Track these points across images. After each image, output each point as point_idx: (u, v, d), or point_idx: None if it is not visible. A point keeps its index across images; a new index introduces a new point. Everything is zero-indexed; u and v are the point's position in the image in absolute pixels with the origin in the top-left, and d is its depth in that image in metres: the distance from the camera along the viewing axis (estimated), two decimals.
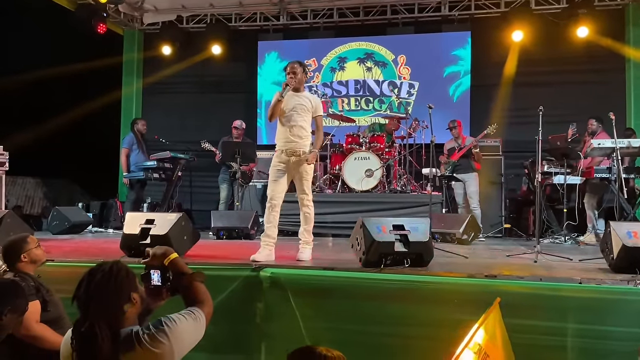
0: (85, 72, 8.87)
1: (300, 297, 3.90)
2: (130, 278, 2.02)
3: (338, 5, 9.59)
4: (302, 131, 4.63)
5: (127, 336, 1.90)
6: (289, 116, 4.61)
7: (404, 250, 4.05)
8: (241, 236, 6.73)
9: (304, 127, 4.65)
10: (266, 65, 10.15)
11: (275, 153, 4.73)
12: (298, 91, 4.68)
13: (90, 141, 9.61)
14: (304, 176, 4.66)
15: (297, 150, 4.60)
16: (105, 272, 1.96)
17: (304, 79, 4.74)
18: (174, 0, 9.09)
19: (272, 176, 4.67)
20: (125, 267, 2.03)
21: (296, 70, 4.60)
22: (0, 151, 6.67)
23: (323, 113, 4.89)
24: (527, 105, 8.10)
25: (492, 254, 5.59)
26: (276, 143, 4.76)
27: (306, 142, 4.65)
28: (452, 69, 9.50)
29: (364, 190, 7.30)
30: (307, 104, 4.66)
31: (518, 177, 8.55)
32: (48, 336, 2.91)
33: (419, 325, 3.60)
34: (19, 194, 10.42)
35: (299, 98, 4.66)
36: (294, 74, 4.59)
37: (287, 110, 4.61)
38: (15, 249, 3.18)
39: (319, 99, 4.93)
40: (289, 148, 4.61)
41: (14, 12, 8.54)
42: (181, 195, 8.76)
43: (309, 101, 4.69)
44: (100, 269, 1.97)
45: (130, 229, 4.64)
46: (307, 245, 4.67)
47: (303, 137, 4.63)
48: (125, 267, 2.03)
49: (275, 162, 4.68)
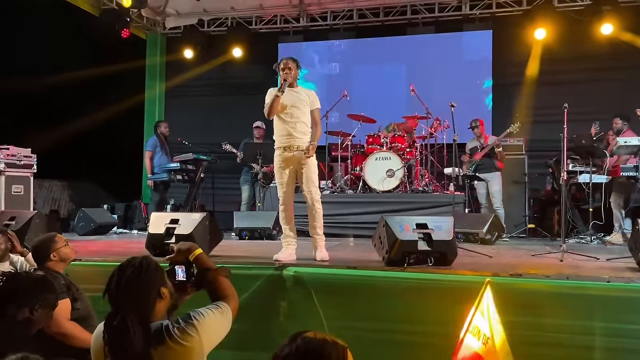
0: (109, 76, 9.02)
1: (323, 295, 3.90)
2: (160, 273, 2.06)
3: (358, 6, 9.60)
4: (304, 127, 4.59)
5: (157, 330, 1.93)
6: (290, 112, 4.56)
7: (428, 249, 4.04)
8: (263, 236, 6.77)
9: (306, 122, 4.62)
10: None
11: (276, 152, 4.67)
12: (293, 86, 4.62)
13: (114, 144, 9.75)
14: (310, 170, 4.57)
15: (301, 146, 4.55)
16: (135, 267, 1.99)
17: (297, 74, 4.66)
18: (196, 4, 9.19)
19: (278, 178, 4.67)
20: (155, 262, 2.07)
21: (290, 66, 4.55)
22: (28, 153, 6.83)
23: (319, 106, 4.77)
24: (550, 103, 8.02)
25: (517, 253, 5.52)
26: (275, 140, 4.70)
27: (307, 137, 4.61)
28: (480, 65, 9.38)
29: (385, 191, 7.28)
30: (306, 99, 4.63)
31: (542, 176, 8.43)
32: (77, 334, 2.96)
33: (443, 323, 3.56)
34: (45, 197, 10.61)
35: (297, 93, 4.62)
36: (289, 69, 4.54)
37: (287, 106, 4.56)
38: (44, 248, 3.25)
39: (314, 93, 4.87)
40: (291, 145, 4.56)
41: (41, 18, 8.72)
42: (203, 196, 8.86)
43: (307, 95, 4.66)
44: (131, 264, 2.01)
45: (156, 229, 4.71)
46: (322, 242, 4.60)
47: (306, 133, 4.60)
48: (155, 262, 2.07)
49: (279, 163, 4.64)
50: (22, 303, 2.20)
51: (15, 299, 2.20)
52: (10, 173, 6.55)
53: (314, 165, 4.62)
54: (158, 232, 4.69)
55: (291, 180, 4.64)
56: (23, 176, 6.74)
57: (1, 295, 2.21)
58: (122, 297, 1.94)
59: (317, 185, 4.64)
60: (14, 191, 6.56)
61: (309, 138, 4.60)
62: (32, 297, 2.22)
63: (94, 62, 8.86)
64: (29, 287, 2.24)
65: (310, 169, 4.58)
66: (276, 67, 4.67)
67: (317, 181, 4.64)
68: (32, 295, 2.23)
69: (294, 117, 4.56)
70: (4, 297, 2.20)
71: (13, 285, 2.22)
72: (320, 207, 4.62)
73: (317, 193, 4.61)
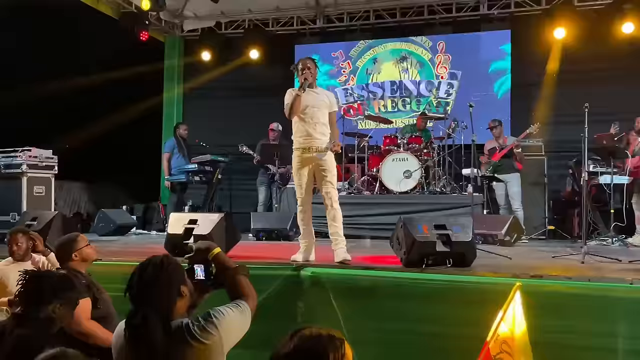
0: (128, 79, 9.11)
1: (340, 296, 3.90)
2: (180, 271, 2.07)
3: (375, 7, 9.57)
4: (323, 128, 4.55)
5: (178, 328, 1.95)
6: (310, 113, 4.51)
7: (446, 250, 4.01)
8: (280, 237, 6.79)
9: (325, 123, 4.58)
10: None
11: (295, 153, 4.63)
12: (313, 87, 4.58)
13: (133, 145, 9.85)
14: (328, 171, 4.53)
15: (319, 147, 4.51)
16: (155, 265, 2.01)
17: (316, 74, 4.63)
18: (214, 7, 9.24)
19: (296, 180, 4.63)
20: (175, 260, 2.09)
21: (309, 65, 4.50)
22: (49, 155, 6.94)
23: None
24: (570, 103, 7.91)
25: (537, 255, 5.46)
26: (294, 141, 4.66)
27: (326, 139, 4.57)
28: (498, 65, 9.32)
29: (402, 192, 7.25)
30: (326, 100, 4.59)
31: (562, 177, 8.32)
32: (98, 333, 2.99)
33: (461, 325, 3.53)
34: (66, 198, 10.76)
35: (317, 94, 4.59)
36: (309, 69, 4.48)
37: (308, 106, 4.51)
38: (67, 248, 3.30)
39: (333, 94, 4.82)
40: (312, 146, 4.51)
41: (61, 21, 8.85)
42: (221, 198, 8.91)
43: (327, 97, 4.63)
44: (151, 262, 2.02)
45: (174, 229, 4.75)
46: (343, 244, 4.52)
47: (325, 134, 4.56)
48: (175, 260, 2.09)
49: (297, 164, 4.60)
50: (44, 301, 2.23)
51: (38, 297, 2.23)
52: (32, 174, 6.66)
53: (332, 166, 4.58)
54: (177, 233, 4.73)
55: (309, 182, 4.61)
56: (44, 177, 6.85)
57: (24, 294, 2.25)
58: (142, 294, 1.96)
59: (335, 187, 4.59)
60: (36, 192, 6.67)
61: (327, 140, 4.57)
62: (54, 296, 2.25)
63: (113, 65, 8.97)
64: (51, 285, 2.27)
65: (329, 170, 4.54)
66: (294, 68, 4.65)
67: (335, 182, 4.60)
68: (55, 293, 2.25)
69: (314, 118, 4.51)
70: (27, 296, 2.24)
71: (36, 284, 2.25)
72: (339, 208, 4.57)
73: (335, 194, 4.56)
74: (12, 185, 6.54)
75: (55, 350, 1.62)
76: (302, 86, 4.43)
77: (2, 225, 6.33)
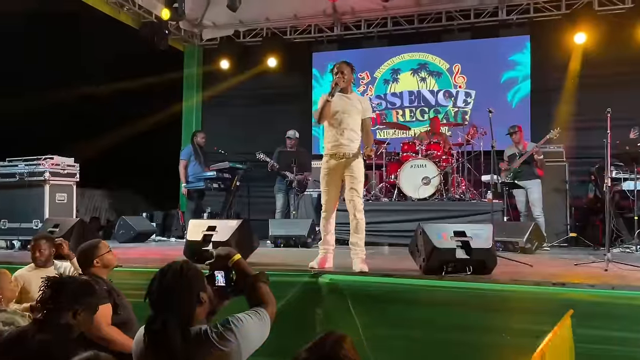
0: (148, 87, 9.23)
1: (359, 303, 3.88)
2: (200, 277, 2.08)
3: (392, 14, 9.57)
4: (353, 134, 4.46)
5: (196, 334, 1.95)
6: (340, 119, 4.44)
7: (466, 258, 3.96)
8: (298, 244, 6.80)
9: (355, 130, 4.48)
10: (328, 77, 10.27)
11: (324, 159, 4.58)
12: (346, 92, 4.51)
13: (153, 153, 9.96)
14: (355, 177, 4.43)
15: (347, 153, 4.44)
16: (176, 271, 2.02)
17: (352, 79, 4.55)
18: (232, 16, 9.32)
19: (323, 185, 4.57)
20: (195, 266, 2.09)
21: (344, 70, 4.43)
22: (71, 163, 7.05)
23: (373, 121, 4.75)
24: (591, 109, 7.83)
25: (559, 262, 5.37)
26: (324, 147, 4.62)
27: (356, 145, 4.49)
28: (510, 75, 9.27)
29: (421, 199, 7.20)
30: (357, 106, 4.50)
31: (583, 183, 8.19)
32: (118, 338, 3.01)
33: (482, 334, 3.49)
34: (87, 205, 10.92)
35: (349, 99, 4.49)
36: (342, 74, 4.41)
37: (338, 112, 4.44)
38: (88, 254, 3.34)
39: (367, 100, 4.75)
40: (339, 152, 4.45)
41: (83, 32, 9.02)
42: (239, 205, 8.95)
43: (359, 102, 4.53)
44: (171, 268, 2.03)
45: (193, 236, 4.79)
46: (362, 254, 4.43)
47: (354, 140, 4.47)
48: (195, 266, 2.09)
49: (325, 170, 4.55)
50: (65, 307, 2.26)
51: (59, 303, 2.26)
52: (55, 182, 6.77)
53: (359, 174, 4.48)
54: (196, 239, 4.76)
55: (335, 188, 4.55)
56: (66, 185, 6.95)
57: (46, 299, 2.28)
58: (162, 300, 1.97)
59: (360, 195, 4.49)
60: (58, 199, 6.78)
61: (357, 146, 4.48)
62: (75, 301, 2.28)
63: (134, 74, 9.09)
64: (72, 291, 2.30)
65: (355, 177, 4.45)
66: (331, 70, 4.55)
67: (361, 191, 4.51)
68: (75, 299, 2.28)
69: (343, 123, 4.44)
70: (48, 301, 2.27)
71: (57, 290, 2.28)
72: (362, 217, 4.47)
73: (360, 203, 4.46)
74: (35, 193, 6.65)
75: (89, 353, 1.64)
76: (331, 91, 4.36)
77: (25, 232, 6.47)
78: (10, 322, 2.94)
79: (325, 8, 9.59)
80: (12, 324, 2.93)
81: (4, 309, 3.12)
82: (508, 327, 3.40)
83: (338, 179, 4.53)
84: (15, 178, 6.73)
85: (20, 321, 2.98)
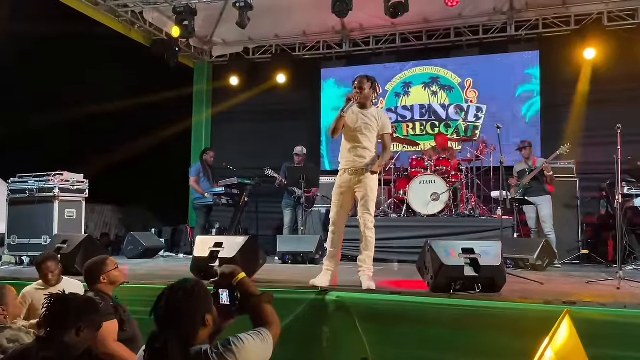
0: (158, 103, 9.31)
1: (366, 321, 3.83)
2: (208, 299, 2.06)
3: (400, 30, 9.61)
4: (365, 152, 4.40)
5: (196, 354, 1.93)
6: (353, 135, 4.41)
7: (475, 275, 3.90)
8: (306, 261, 6.75)
9: (368, 147, 4.42)
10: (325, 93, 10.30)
11: (339, 173, 4.54)
12: (365, 107, 4.42)
13: (163, 169, 10.01)
14: (367, 195, 4.36)
15: (360, 170, 4.38)
16: (187, 290, 2.00)
17: (372, 94, 4.45)
18: (241, 33, 9.41)
19: (334, 199, 4.51)
20: (205, 288, 2.07)
21: (363, 85, 4.35)
22: (80, 179, 7.09)
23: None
24: (601, 124, 7.78)
25: (570, 280, 5.28)
26: (340, 161, 4.59)
27: (367, 161, 4.41)
28: (526, 88, 9.24)
29: (430, 215, 7.15)
30: (373, 123, 4.42)
31: (595, 200, 8.10)
32: (124, 355, 3.00)
33: (491, 353, 3.43)
34: (97, 221, 10.97)
35: (365, 116, 4.40)
36: (361, 89, 4.34)
37: (352, 128, 4.39)
38: (95, 270, 3.34)
39: (386, 116, 4.63)
40: (350, 167, 4.42)
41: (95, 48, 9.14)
42: (247, 220, 8.95)
43: (375, 119, 4.43)
44: (183, 286, 2.01)
45: (200, 252, 4.77)
46: (369, 272, 4.36)
47: (367, 157, 4.41)
48: (205, 288, 2.07)
49: (338, 184, 4.49)
50: (68, 324, 2.25)
51: (62, 320, 2.25)
52: (64, 198, 6.81)
53: (370, 191, 4.40)
54: (203, 256, 4.75)
55: (346, 204, 4.50)
56: (76, 201, 6.99)
57: (49, 317, 2.27)
58: (168, 317, 1.96)
59: (372, 212, 4.42)
60: (67, 215, 6.81)
61: (369, 161, 4.42)
62: (78, 319, 2.27)
63: (144, 90, 9.19)
64: (76, 308, 2.29)
65: (367, 194, 4.38)
66: (353, 83, 4.45)
67: (372, 208, 4.42)
68: (79, 316, 2.27)
69: (356, 141, 4.41)
70: (52, 318, 2.26)
71: (61, 307, 2.28)
72: (372, 235, 4.40)
73: (371, 221, 4.38)
74: (44, 209, 6.68)
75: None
76: (345, 107, 4.28)
77: (34, 249, 6.49)
78: (15, 339, 2.94)
79: (334, 25, 9.66)
80: (16, 341, 2.93)
81: (9, 325, 3.13)
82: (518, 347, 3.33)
83: (350, 194, 4.48)
84: (25, 194, 6.78)
85: (25, 338, 2.98)
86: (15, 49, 8.06)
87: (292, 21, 9.63)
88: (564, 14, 8.79)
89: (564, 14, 8.79)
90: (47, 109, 8.48)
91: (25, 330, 3.07)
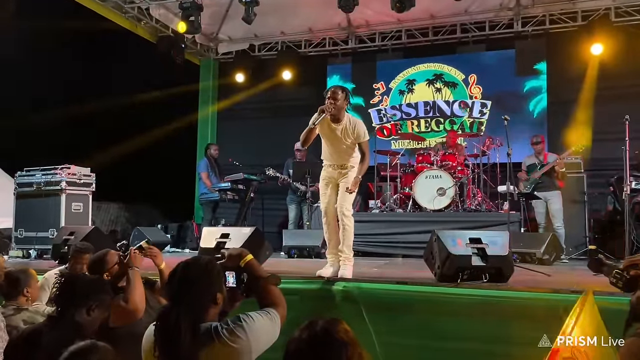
0: (164, 100, 9.34)
1: (373, 311, 3.83)
2: (220, 277, 2.07)
3: (406, 27, 9.59)
4: (344, 155, 4.48)
5: (206, 330, 1.93)
6: (329, 142, 4.47)
7: (482, 265, 3.89)
8: (312, 254, 6.76)
9: (346, 151, 4.47)
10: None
11: (323, 166, 4.63)
12: (338, 119, 4.35)
13: (168, 165, 10.03)
14: (348, 184, 4.37)
15: (345, 164, 4.47)
16: (200, 266, 2.02)
17: (345, 105, 4.35)
18: (247, 30, 9.43)
19: (321, 191, 4.59)
20: (218, 266, 2.08)
21: (337, 96, 4.26)
22: (87, 172, 7.12)
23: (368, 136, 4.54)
24: (609, 120, 7.74)
25: (577, 273, 5.26)
26: (322, 159, 4.66)
27: (351, 159, 4.49)
28: (533, 84, 9.20)
29: (436, 210, 7.13)
30: (347, 134, 4.37)
31: (602, 195, 8.05)
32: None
33: (499, 342, 3.42)
34: (103, 218, 10.99)
35: (336, 129, 4.36)
36: (334, 100, 4.25)
37: (324, 138, 4.46)
38: (100, 264, 3.33)
39: (361, 123, 4.49)
40: (333, 163, 4.53)
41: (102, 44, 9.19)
42: (253, 217, 8.94)
43: (350, 131, 4.37)
44: (197, 263, 2.03)
45: (207, 243, 4.79)
46: (348, 261, 4.37)
47: (348, 156, 4.48)
48: (218, 266, 2.08)
49: (322, 177, 4.60)
50: (79, 304, 2.25)
51: (72, 299, 2.25)
52: (71, 191, 6.83)
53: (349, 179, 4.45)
54: (209, 247, 4.76)
55: (332, 194, 4.55)
56: (82, 194, 7.01)
57: (60, 296, 2.28)
58: (181, 292, 1.96)
59: (350, 201, 4.44)
60: (74, 209, 6.83)
61: (353, 159, 4.49)
62: (87, 298, 2.27)
63: (150, 87, 9.21)
64: (84, 287, 2.30)
65: (349, 184, 4.42)
66: (325, 94, 4.43)
67: (351, 198, 4.43)
68: (88, 295, 2.28)
69: (334, 146, 4.48)
70: (62, 297, 2.26)
71: (71, 287, 2.28)
72: (349, 224, 4.38)
73: (347, 209, 4.39)
74: (52, 202, 6.72)
75: (85, 342, 1.62)
76: (317, 119, 4.22)
77: (42, 241, 6.53)
78: (31, 321, 2.97)
79: (340, 21, 9.65)
80: (32, 323, 2.95)
81: (26, 307, 3.15)
82: (526, 335, 3.31)
83: (335, 186, 4.55)
84: (33, 187, 6.81)
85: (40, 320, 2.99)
86: (21, 44, 8.09)
87: (298, 18, 9.63)
88: (571, 10, 8.75)
89: (571, 10, 8.75)
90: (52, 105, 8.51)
91: (41, 313, 3.09)
